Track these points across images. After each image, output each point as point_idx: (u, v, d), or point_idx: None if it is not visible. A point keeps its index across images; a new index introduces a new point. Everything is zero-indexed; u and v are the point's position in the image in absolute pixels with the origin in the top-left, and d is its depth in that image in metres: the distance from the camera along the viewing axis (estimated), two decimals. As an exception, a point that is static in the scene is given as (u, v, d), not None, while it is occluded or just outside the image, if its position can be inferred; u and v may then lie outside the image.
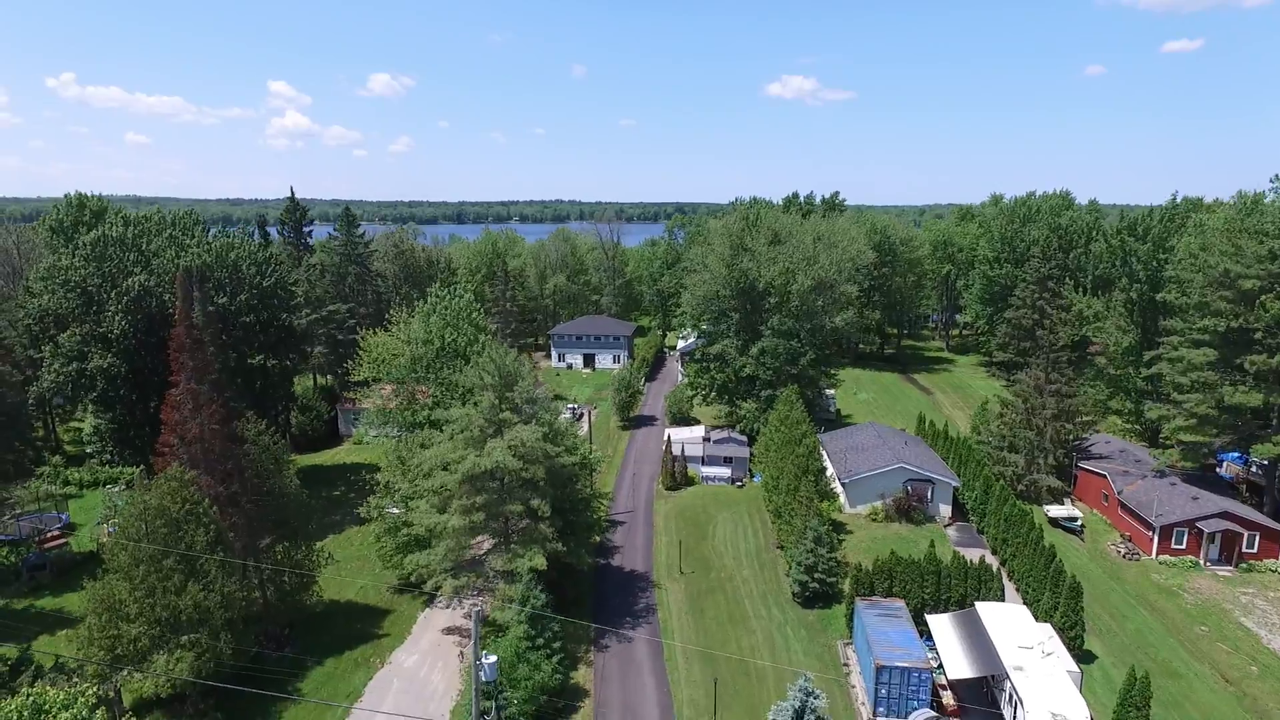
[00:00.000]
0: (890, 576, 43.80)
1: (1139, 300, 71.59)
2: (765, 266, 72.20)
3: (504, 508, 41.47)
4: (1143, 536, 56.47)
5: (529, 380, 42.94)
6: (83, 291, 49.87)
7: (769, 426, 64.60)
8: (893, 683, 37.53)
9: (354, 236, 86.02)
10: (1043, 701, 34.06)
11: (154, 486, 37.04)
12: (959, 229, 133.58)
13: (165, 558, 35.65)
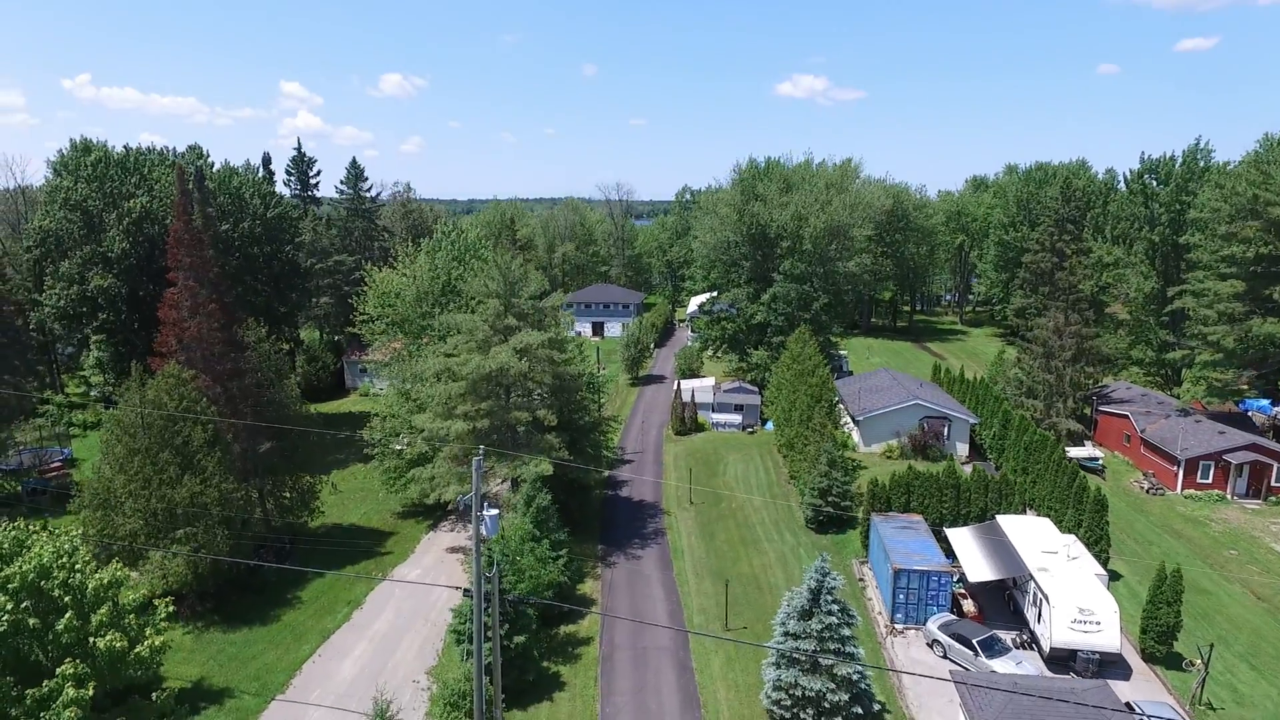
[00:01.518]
0: (908, 491, 42.39)
1: (1160, 244, 69.81)
2: (777, 211, 70.84)
3: (509, 416, 40.35)
4: (1167, 472, 54.79)
5: (534, 286, 41.80)
6: (83, 212, 49.11)
7: (780, 365, 63.25)
8: (911, 587, 36.19)
9: (361, 191, 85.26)
10: (1069, 598, 32.61)
11: (151, 383, 36.13)
12: (973, 199, 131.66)
13: (161, 450, 34.73)
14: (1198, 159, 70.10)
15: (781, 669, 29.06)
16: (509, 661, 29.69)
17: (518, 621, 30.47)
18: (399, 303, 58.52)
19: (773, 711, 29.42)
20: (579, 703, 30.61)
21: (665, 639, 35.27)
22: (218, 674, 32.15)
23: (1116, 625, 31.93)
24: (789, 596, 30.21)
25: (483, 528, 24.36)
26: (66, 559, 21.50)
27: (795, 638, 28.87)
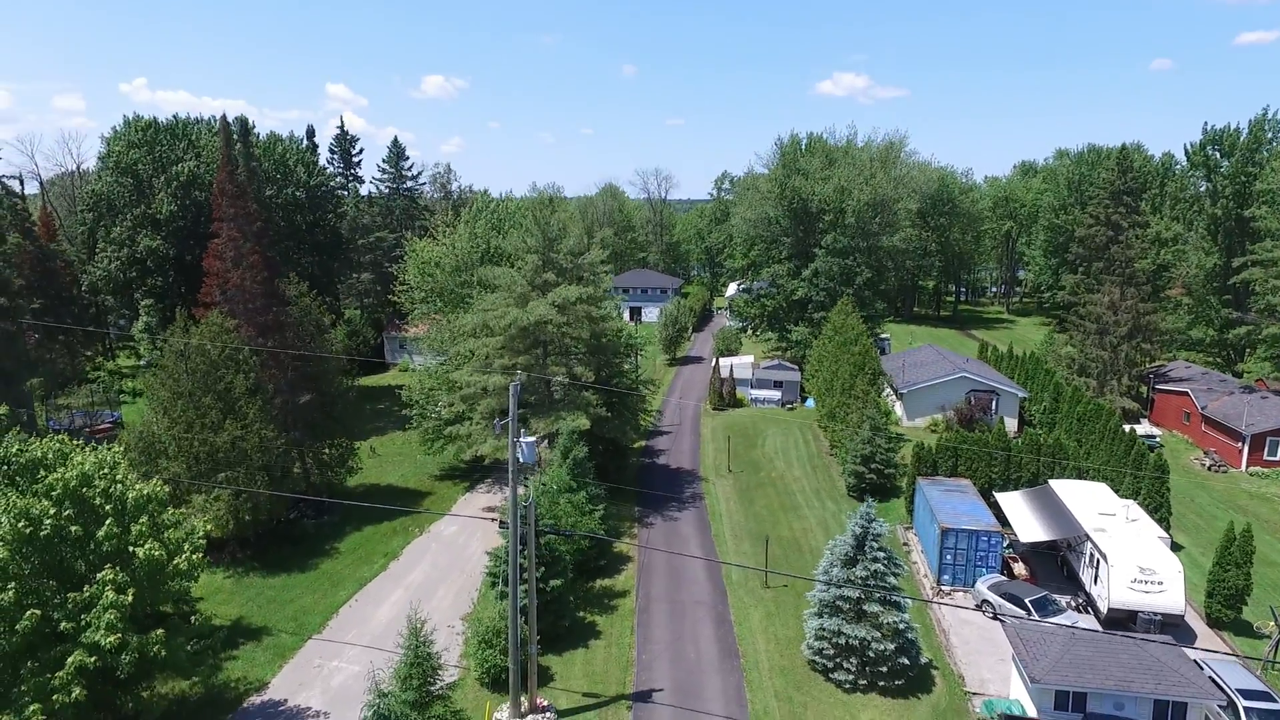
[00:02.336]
0: (956, 456, 40.99)
1: (1223, 219, 66.82)
2: (819, 185, 69.51)
3: (546, 371, 39.99)
4: (1230, 449, 52.29)
5: (573, 241, 41.36)
6: (134, 176, 50.18)
7: (821, 338, 61.94)
8: (959, 548, 34.85)
9: (402, 170, 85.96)
10: (1129, 557, 31.03)
11: (194, 331, 36.54)
12: (1021, 184, 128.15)
13: (204, 395, 35.07)
14: (1265, 129, 66.90)
15: (824, 618, 28.13)
16: (544, 605, 29.21)
17: (554, 566, 30.01)
18: (438, 272, 58.69)
19: (814, 662, 28.50)
20: (615, 650, 30.03)
21: (703, 593, 34.52)
22: (256, 614, 32.31)
23: (1180, 585, 30.29)
24: (832, 544, 29.27)
25: (519, 453, 23.92)
26: (108, 470, 21.60)
27: (841, 584, 27.91)
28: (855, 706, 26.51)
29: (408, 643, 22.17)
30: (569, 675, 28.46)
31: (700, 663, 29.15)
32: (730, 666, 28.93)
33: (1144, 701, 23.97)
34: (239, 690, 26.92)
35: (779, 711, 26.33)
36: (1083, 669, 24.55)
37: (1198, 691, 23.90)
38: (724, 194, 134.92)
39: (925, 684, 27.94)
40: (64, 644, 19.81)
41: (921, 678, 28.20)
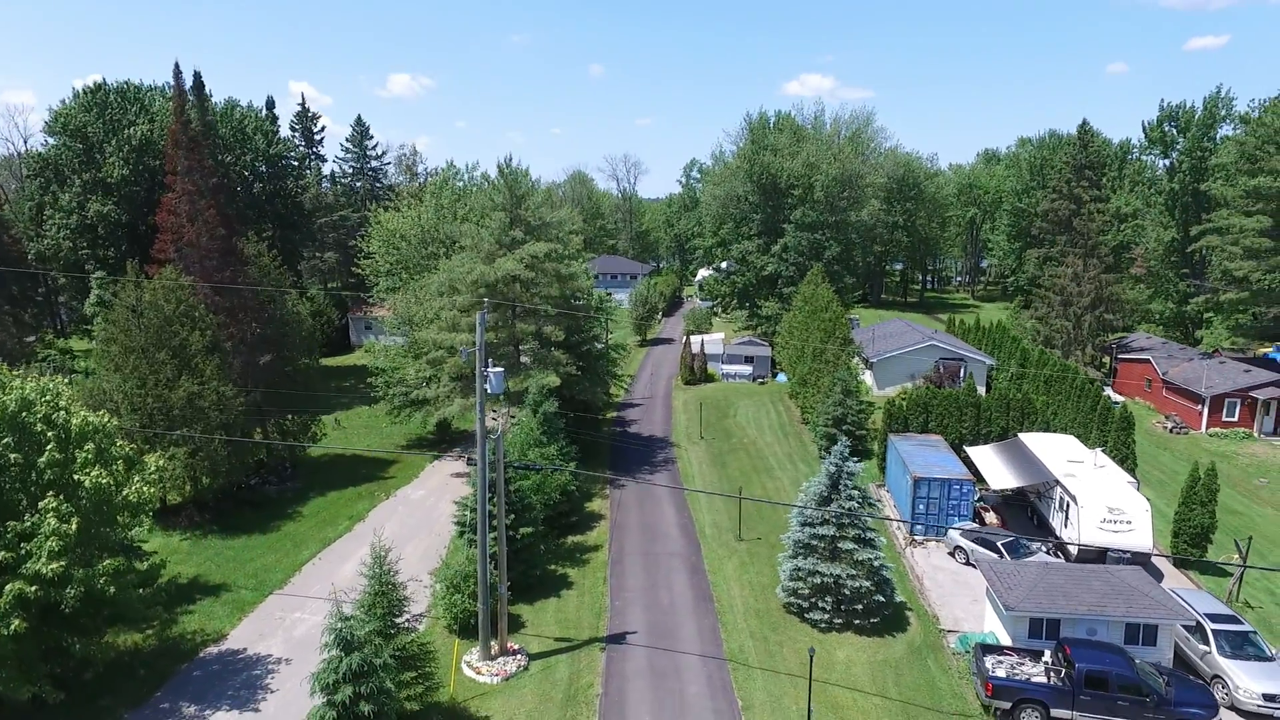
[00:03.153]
0: (926, 411, 41.10)
1: (1180, 194, 68.25)
2: (787, 161, 69.58)
3: (514, 329, 39.28)
4: (1191, 412, 53.30)
5: (540, 199, 40.67)
6: (83, 139, 48.28)
7: (792, 309, 61.91)
8: (931, 497, 34.84)
9: (367, 150, 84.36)
10: (1098, 498, 31.25)
11: (147, 285, 35.19)
12: (984, 171, 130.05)
13: (158, 350, 33.75)
14: (1219, 106, 68.50)
15: (799, 558, 27.85)
16: (515, 554, 28.54)
17: (524, 514, 29.36)
18: (403, 244, 57.57)
19: (790, 604, 28.21)
20: (587, 598, 29.46)
21: (677, 546, 34.09)
22: (214, 573, 31.13)
23: (1148, 524, 30.56)
24: (806, 485, 29.03)
25: (488, 384, 23.27)
26: (50, 397, 20.48)
27: (813, 524, 27.67)
28: (831, 645, 26.26)
29: (371, 571, 21.41)
30: (541, 622, 27.82)
31: (674, 607, 28.71)
32: (705, 610, 28.53)
33: (1115, 625, 24.05)
34: (195, 642, 25.83)
35: (754, 650, 25.98)
36: (1056, 596, 24.57)
37: (1167, 613, 24.04)
38: (693, 182, 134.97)
39: (900, 624, 27.80)
40: (3, 576, 18.70)
41: (897, 618, 28.05)
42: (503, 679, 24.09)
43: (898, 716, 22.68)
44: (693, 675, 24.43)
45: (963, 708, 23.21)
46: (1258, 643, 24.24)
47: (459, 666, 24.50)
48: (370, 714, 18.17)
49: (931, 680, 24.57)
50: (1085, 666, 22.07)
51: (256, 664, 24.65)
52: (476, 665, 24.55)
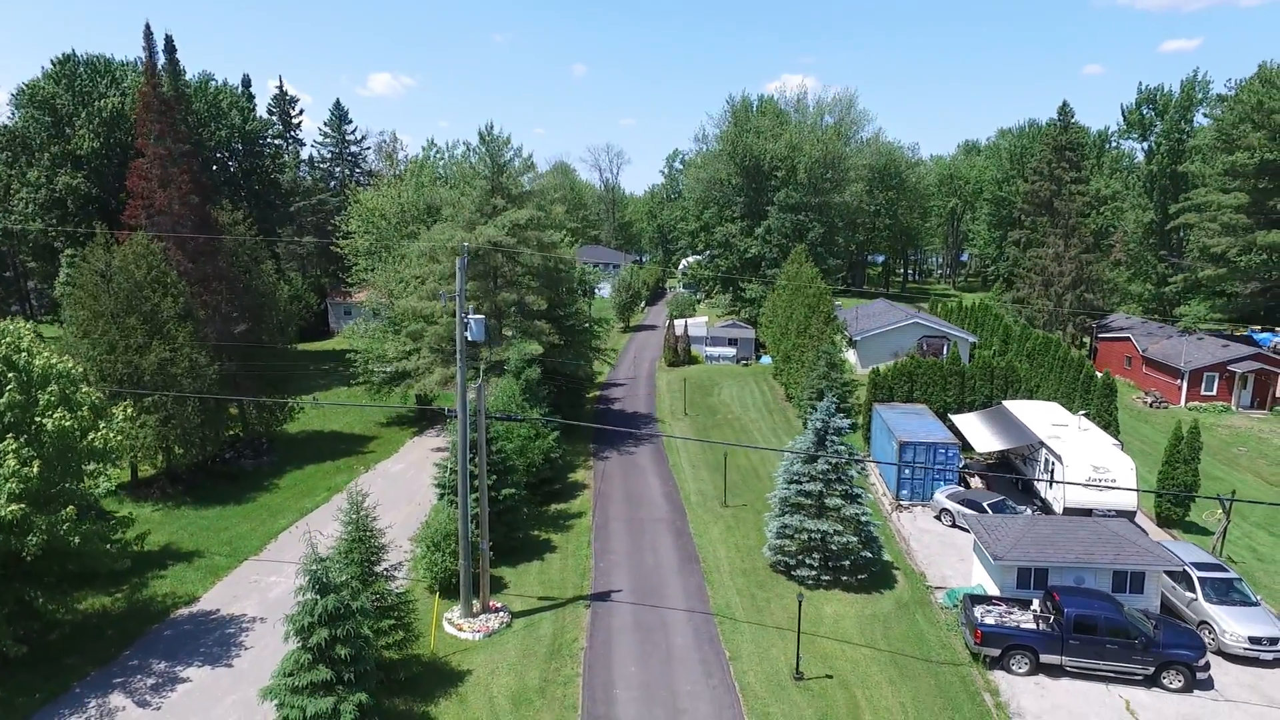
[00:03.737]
0: (911, 380, 40.98)
1: (1158, 176, 68.86)
2: (770, 143, 69.44)
3: (496, 297, 38.70)
4: (1170, 387, 53.70)
5: (525, 165, 40.14)
6: (51, 110, 46.99)
7: (775, 288, 61.73)
8: (916, 461, 34.71)
9: (345, 134, 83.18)
10: (1083, 457, 31.23)
11: (117, 250, 34.24)
12: (965, 162, 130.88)
13: (128, 315, 32.82)
14: (1195, 89, 69.18)
15: (786, 516, 27.53)
16: (497, 516, 28.00)
17: (507, 476, 28.82)
18: (382, 223, 56.65)
19: (777, 563, 27.89)
20: (571, 560, 28.96)
21: (661, 512, 33.67)
22: (187, 541, 30.30)
23: (1133, 480, 30.56)
24: (793, 444, 28.70)
25: (468, 331, 22.72)
26: (11, 339, 19.67)
27: (800, 481, 27.36)
28: (819, 600, 25.95)
29: (348, 516, 20.81)
30: (523, 584, 27.29)
31: (659, 568, 28.28)
32: (690, 570, 28.14)
33: (1103, 573, 23.92)
34: (166, 604, 25.05)
35: (740, 606, 25.61)
36: (1043, 546, 24.42)
37: (1154, 560, 23.96)
38: (676, 172, 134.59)
39: (888, 581, 27.56)
40: (-39, 521, 17.92)
41: (884, 576, 27.82)
42: (485, 635, 23.55)
43: (887, 666, 22.39)
44: (679, 629, 24.02)
45: (952, 657, 22.98)
46: (1242, 589, 24.23)
47: (440, 624, 23.95)
48: (347, 657, 17.58)
49: (920, 633, 24.33)
50: (1074, 611, 21.90)
51: (230, 623, 23.95)
52: (458, 622, 24.00)
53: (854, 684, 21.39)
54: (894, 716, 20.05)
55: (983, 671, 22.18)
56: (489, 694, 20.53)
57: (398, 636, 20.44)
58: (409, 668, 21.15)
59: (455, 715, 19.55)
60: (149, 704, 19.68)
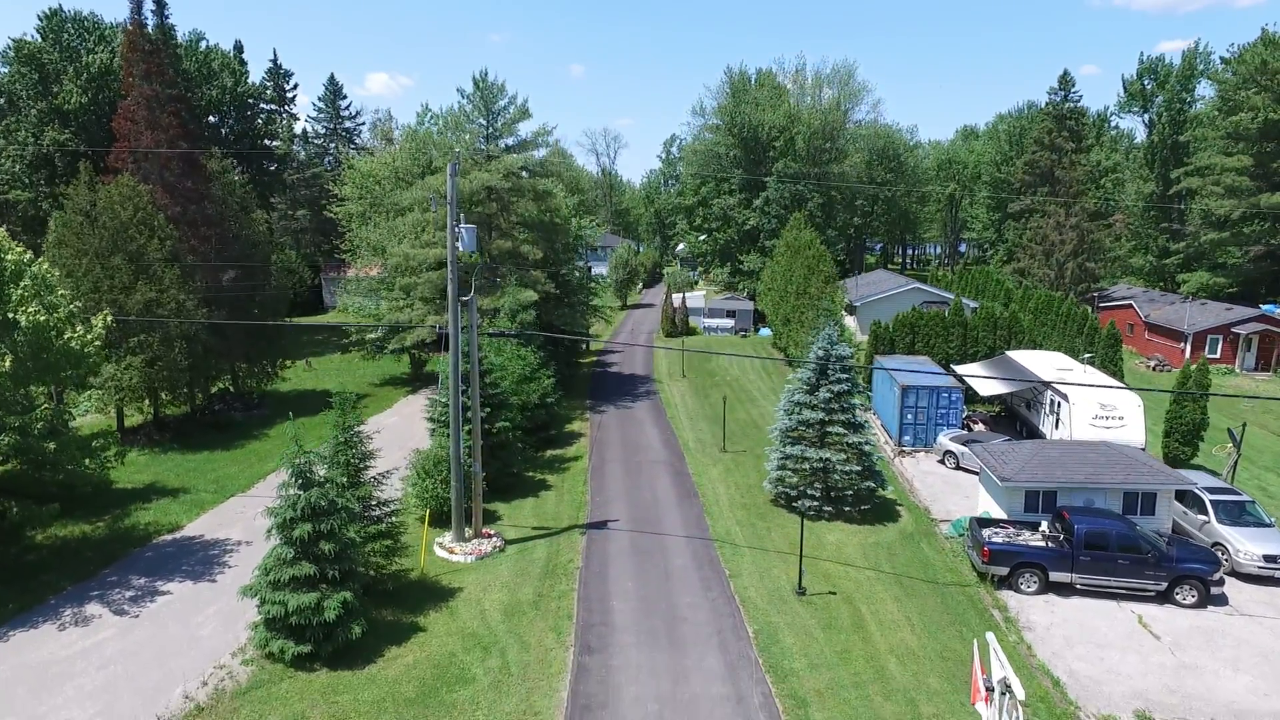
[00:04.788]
0: (913, 332, 40.34)
1: (1159, 145, 68.33)
2: (768, 113, 68.81)
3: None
4: (1173, 350, 53.11)
5: (520, 113, 39.43)
6: (38, 66, 46.18)
7: (774, 255, 61.03)
8: (919, 405, 34.03)
9: (340, 109, 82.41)
10: (1089, 395, 30.58)
11: (101, 189, 33.49)
12: (963, 147, 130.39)
13: (113, 254, 32.06)
14: (1197, 60, 68.67)
15: (787, 446, 26.85)
16: (490, 451, 27.31)
17: (501, 410, 28.11)
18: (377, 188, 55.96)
19: (778, 497, 27.22)
20: (567, 497, 28.24)
21: (659, 455, 32.98)
22: (173, 479, 29.52)
23: (1141, 418, 29.95)
24: (794, 376, 28.05)
25: (459, 242, 22.04)
26: (-17, 234, 18.96)
27: (802, 409, 26.69)
28: (821, 530, 25.25)
29: (334, 419, 20.09)
30: (517, 517, 26.55)
31: (657, 502, 27.58)
32: (689, 503, 27.45)
33: (1114, 494, 23.27)
34: (149, 531, 24.29)
35: (741, 534, 24.93)
36: (1052, 468, 23.76)
37: (1166, 479, 23.32)
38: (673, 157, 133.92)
39: (891, 515, 26.90)
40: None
41: (887, 510, 27.17)
42: (477, 558, 22.85)
43: (891, 585, 21.71)
44: (677, 551, 23.33)
45: (958, 579, 22.30)
46: (1255, 511, 23.61)
47: (429, 549, 23.23)
48: (330, 553, 16.86)
49: (925, 559, 23.66)
50: (1085, 525, 21.23)
51: (214, 546, 23.23)
52: (449, 545, 23.30)
53: (858, 599, 20.71)
54: (900, 629, 19.37)
55: (991, 591, 21.51)
56: (481, 608, 19.82)
57: (385, 544, 19.72)
58: (396, 579, 20.46)
59: (445, 625, 18.84)
60: (126, 613, 18.94)
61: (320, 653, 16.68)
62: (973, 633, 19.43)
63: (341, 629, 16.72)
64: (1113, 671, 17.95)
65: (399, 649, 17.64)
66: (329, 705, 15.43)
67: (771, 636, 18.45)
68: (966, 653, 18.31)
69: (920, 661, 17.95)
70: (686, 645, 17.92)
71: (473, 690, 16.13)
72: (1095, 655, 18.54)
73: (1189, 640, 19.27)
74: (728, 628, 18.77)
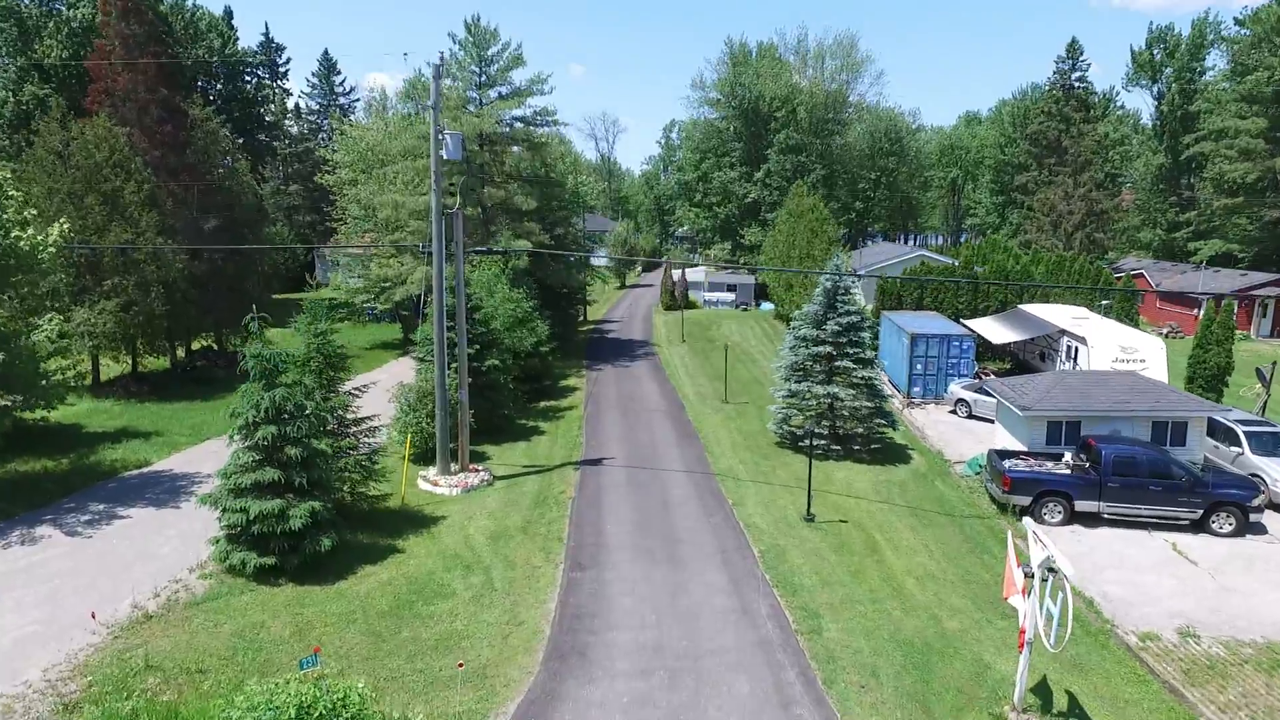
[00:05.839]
0: (920, 287, 38.93)
1: (1169, 116, 66.94)
2: (769, 83, 67.43)
3: (481, 194, 36.61)
4: (1186, 317, 51.77)
5: (513, 60, 38.04)
6: (17, 19, 44.85)
7: (776, 224, 59.62)
8: (929, 355, 32.59)
9: (334, 86, 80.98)
10: (1109, 338, 29.21)
11: (74, 127, 32.09)
12: (966, 132, 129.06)
13: (86, 194, 30.66)
14: (1206, 30, 67.28)
15: (792, 382, 25.44)
16: (479, 390, 25.87)
17: (491, 348, 26.69)
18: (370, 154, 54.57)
19: (783, 435, 25.80)
20: (561, 439, 26.82)
21: (658, 405, 31.57)
22: (146, 424, 28.09)
23: (1163, 360, 28.57)
24: (800, 311, 26.66)
25: (444, 149, 20.65)
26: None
27: (809, 344, 25.29)
28: (828, 469, 23.82)
29: (303, 323, 18.73)
30: (507, 458, 25.10)
31: (655, 444, 26.14)
32: (689, 444, 26.04)
33: (1142, 422, 21.84)
34: (115, 467, 22.84)
35: (745, 471, 23.49)
36: (1075, 396, 22.34)
37: (1197, 407, 21.91)
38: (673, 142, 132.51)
39: (902, 457, 25.50)
40: None
41: (897, 453, 25.77)
42: (463, 490, 21.41)
43: (905, 516, 20.29)
44: (677, 484, 21.91)
45: (977, 512, 20.88)
46: (1293, 442, 22.18)
47: (414, 484, 21.81)
48: (297, 459, 15.44)
49: (940, 495, 22.25)
50: (1113, 450, 19.80)
51: (183, 479, 21.80)
52: (434, 478, 21.87)
53: (871, 528, 19.29)
54: (917, 554, 17.95)
55: (1012, 521, 20.07)
56: (465, 533, 18.39)
57: (361, 459, 18.32)
58: (373, 502, 19.07)
59: (425, 547, 17.41)
60: (79, 534, 17.50)
61: (285, 566, 15.26)
62: (995, 559, 18.05)
63: (309, 541, 15.30)
64: (1149, 594, 16.54)
65: (373, 567, 16.23)
66: (292, 616, 14.00)
67: (779, 556, 17.03)
68: (990, 578, 16.94)
69: (940, 583, 16.53)
70: (686, 562, 16.50)
71: (452, 603, 14.71)
72: (1129, 579, 17.13)
73: (1228, 565, 17.86)
74: (731, 548, 17.34)
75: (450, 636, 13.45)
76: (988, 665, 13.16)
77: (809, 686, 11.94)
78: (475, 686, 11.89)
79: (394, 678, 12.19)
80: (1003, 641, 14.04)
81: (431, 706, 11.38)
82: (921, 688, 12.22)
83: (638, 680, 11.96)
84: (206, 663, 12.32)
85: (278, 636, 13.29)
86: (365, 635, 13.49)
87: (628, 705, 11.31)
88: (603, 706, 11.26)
